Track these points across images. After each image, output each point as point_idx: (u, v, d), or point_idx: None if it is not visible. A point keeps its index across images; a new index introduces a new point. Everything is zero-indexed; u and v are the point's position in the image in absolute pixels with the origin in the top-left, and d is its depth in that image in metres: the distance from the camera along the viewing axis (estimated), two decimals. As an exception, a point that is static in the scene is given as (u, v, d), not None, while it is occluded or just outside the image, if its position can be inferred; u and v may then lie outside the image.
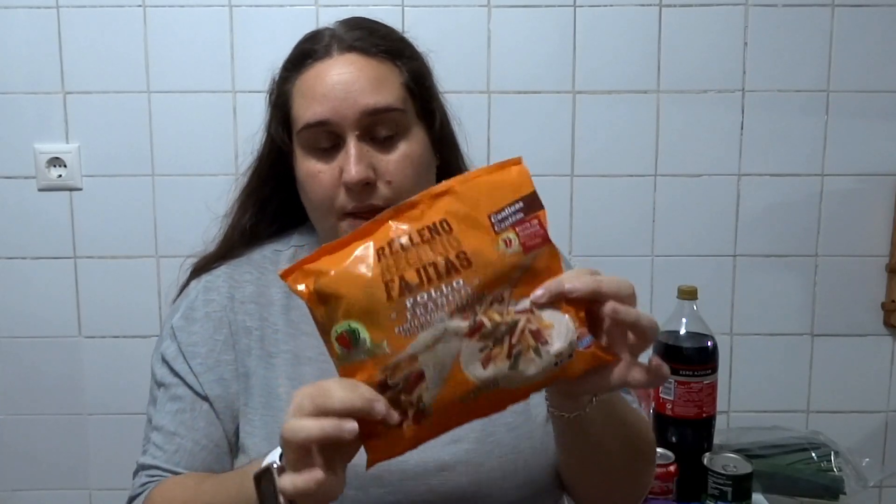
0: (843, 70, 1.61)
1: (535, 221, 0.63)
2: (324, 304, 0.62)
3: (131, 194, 1.63)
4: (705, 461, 1.23)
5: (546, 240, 0.64)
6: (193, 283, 0.95)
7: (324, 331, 0.63)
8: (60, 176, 1.62)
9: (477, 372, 0.61)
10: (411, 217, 0.63)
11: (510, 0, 1.59)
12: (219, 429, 0.89)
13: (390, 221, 0.63)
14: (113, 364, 1.67)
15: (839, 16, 1.60)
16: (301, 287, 0.63)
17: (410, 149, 0.88)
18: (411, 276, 0.61)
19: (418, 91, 0.90)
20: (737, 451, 1.28)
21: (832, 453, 1.40)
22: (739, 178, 1.65)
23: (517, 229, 0.63)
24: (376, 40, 0.89)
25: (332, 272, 0.62)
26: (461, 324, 0.61)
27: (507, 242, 0.62)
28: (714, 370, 1.27)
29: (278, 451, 0.66)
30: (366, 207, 0.85)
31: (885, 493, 1.75)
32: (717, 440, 1.33)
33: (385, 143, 0.87)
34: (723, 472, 1.19)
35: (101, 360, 1.68)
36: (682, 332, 1.27)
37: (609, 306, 0.64)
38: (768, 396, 1.71)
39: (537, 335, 0.62)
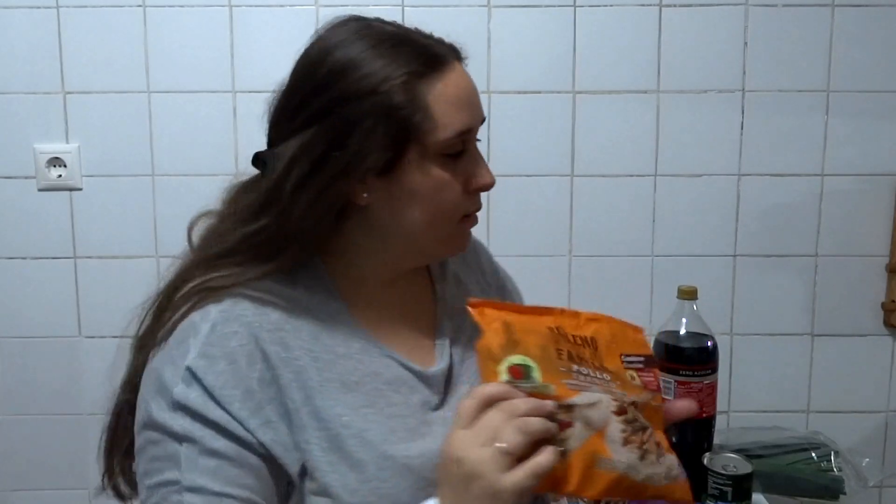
0: (843, 70, 1.61)
1: (652, 374, 0.78)
2: (506, 334, 0.73)
3: (131, 194, 1.63)
4: (705, 461, 1.23)
5: (658, 389, 0.77)
6: (199, 315, 0.81)
7: (491, 356, 0.72)
8: (60, 176, 1.62)
9: (615, 447, 0.70)
10: (571, 323, 0.78)
11: (510, 0, 1.59)
12: (271, 487, 0.78)
13: (557, 315, 0.78)
14: (113, 364, 1.67)
15: (839, 16, 1.60)
16: (489, 312, 0.75)
17: None
18: (575, 354, 0.74)
19: None
20: (737, 451, 1.28)
21: (832, 453, 1.40)
22: (739, 178, 1.65)
23: (639, 373, 0.77)
24: (457, 47, 0.92)
25: (518, 318, 0.75)
26: (612, 402, 0.71)
27: (632, 377, 0.76)
28: (714, 370, 1.27)
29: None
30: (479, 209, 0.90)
31: (885, 493, 1.75)
32: (717, 440, 1.33)
33: None
34: (723, 472, 1.19)
35: (101, 360, 1.67)
36: (682, 332, 1.27)
37: None
38: (768, 396, 1.71)
39: (659, 446, 0.73)
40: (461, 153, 0.85)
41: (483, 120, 0.88)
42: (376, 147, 0.79)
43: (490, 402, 0.69)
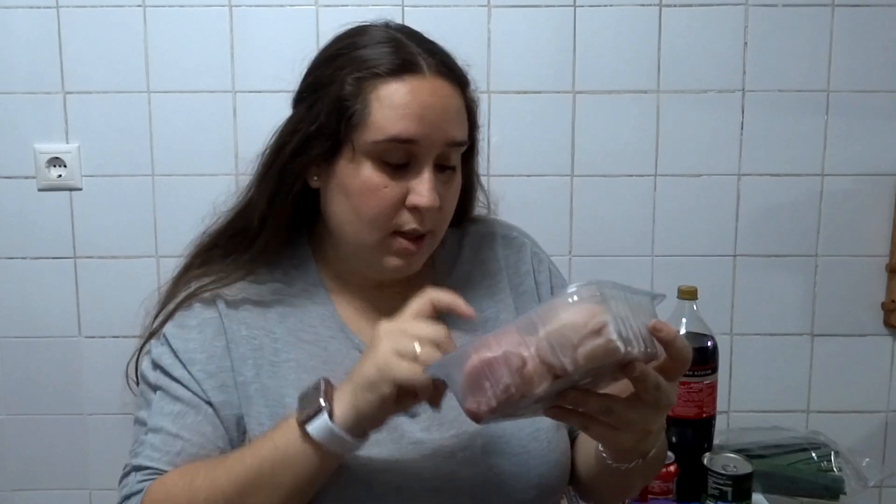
0: (843, 70, 1.61)
1: None
2: None
3: (131, 194, 1.63)
4: (705, 461, 1.23)
5: None
6: (184, 291, 0.93)
7: None
8: (60, 176, 1.62)
9: None
10: None
11: (510, 0, 1.59)
12: (224, 436, 0.87)
13: None
14: (113, 364, 1.65)
15: (839, 16, 1.59)
16: None
17: (458, 183, 0.90)
18: None
19: (471, 130, 0.92)
20: (737, 451, 1.28)
21: (832, 453, 1.40)
22: (739, 178, 1.65)
23: None
24: (455, 69, 0.89)
25: None
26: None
27: None
28: (714, 370, 1.27)
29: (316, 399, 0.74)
30: (421, 232, 0.86)
31: (885, 493, 1.75)
32: (717, 440, 1.33)
33: (445, 174, 0.87)
34: (723, 472, 1.19)
35: (101, 360, 1.68)
36: (682, 332, 1.27)
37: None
38: (768, 396, 1.71)
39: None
40: (406, 165, 0.84)
41: (449, 142, 0.85)
42: (323, 132, 0.85)
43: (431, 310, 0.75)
